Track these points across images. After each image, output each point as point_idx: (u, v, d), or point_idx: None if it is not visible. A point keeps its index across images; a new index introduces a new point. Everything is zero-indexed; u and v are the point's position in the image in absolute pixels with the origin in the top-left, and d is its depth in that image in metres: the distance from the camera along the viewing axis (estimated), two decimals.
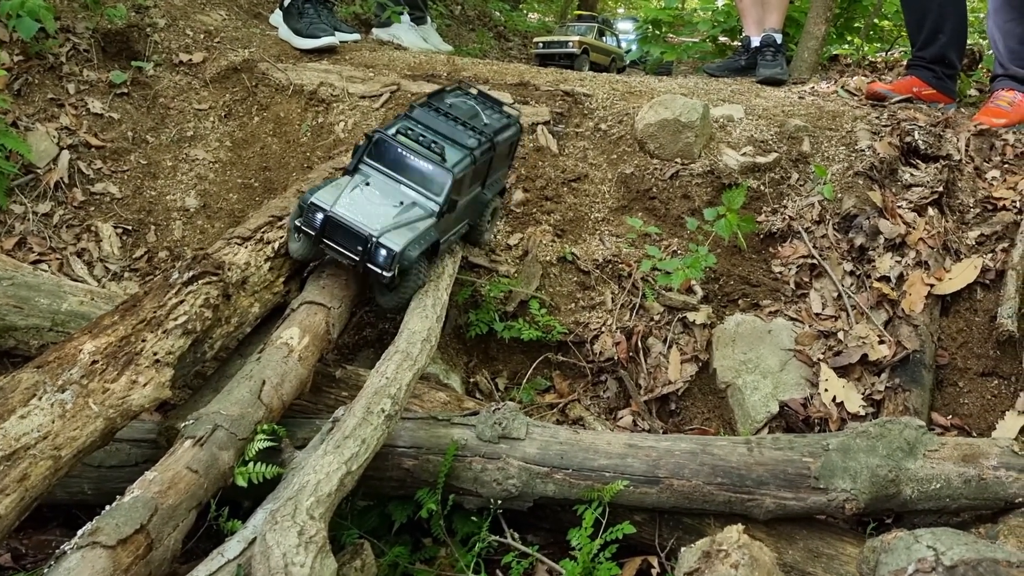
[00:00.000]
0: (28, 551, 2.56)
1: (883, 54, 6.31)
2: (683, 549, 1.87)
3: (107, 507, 1.87)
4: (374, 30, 5.41)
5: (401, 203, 2.72)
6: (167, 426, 2.42)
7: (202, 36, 4.39)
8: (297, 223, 2.69)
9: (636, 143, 3.90)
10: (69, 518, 2.63)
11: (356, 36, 4.87)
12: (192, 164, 3.87)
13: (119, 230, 3.59)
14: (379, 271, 2.62)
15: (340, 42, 4.64)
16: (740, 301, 3.48)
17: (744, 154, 3.82)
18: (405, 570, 2.55)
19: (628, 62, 6.79)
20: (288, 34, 4.60)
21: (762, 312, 3.41)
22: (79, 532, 1.79)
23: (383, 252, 2.60)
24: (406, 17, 5.39)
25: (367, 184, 2.76)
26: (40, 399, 1.88)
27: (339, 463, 2.03)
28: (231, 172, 3.86)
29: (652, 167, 3.80)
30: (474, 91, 3.23)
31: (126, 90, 4.01)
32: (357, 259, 2.64)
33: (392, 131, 2.84)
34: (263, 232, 2.81)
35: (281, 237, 2.83)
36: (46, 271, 3.27)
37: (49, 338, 2.95)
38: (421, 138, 2.81)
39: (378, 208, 2.67)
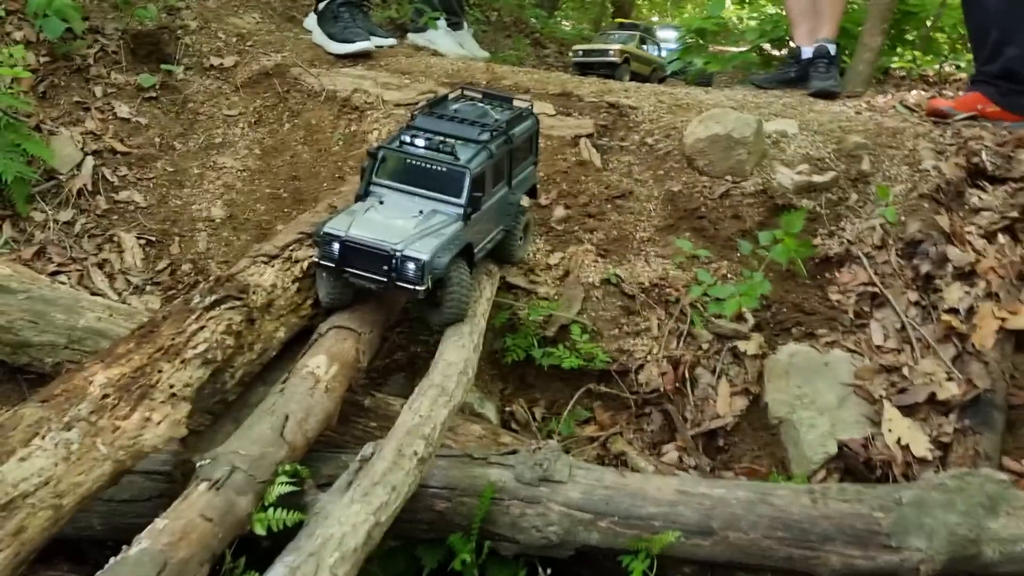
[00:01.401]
0: None
1: (937, 67, 6.04)
2: None
3: (111, 560, 1.70)
4: (410, 35, 5.24)
5: (421, 212, 2.52)
6: (183, 459, 2.24)
7: (234, 39, 4.24)
8: (315, 259, 2.47)
9: (684, 159, 3.69)
10: (75, 552, 2.47)
11: (392, 41, 4.71)
12: (220, 172, 3.72)
13: (142, 241, 3.44)
14: (411, 287, 2.40)
15: (376, 47, 4.48)
16: (794, 330, 3.26)
17: (799, 172, 3.60)
18: None
19: (669, 72, 6.59)
20: (322, 38, 4.44)
21: (818, 343, 3.19)
22: None
23: (410, 265, 2.38)
24: (442, 22, 5.22)
25: (380, 203, 2.56)
26: (43, 439, 1.71)
27: (366, 514, 1.85)
28: (259, 181, 3.70)
29: (701, 185, 3.59)
30: (478, 95, 3.05)
31: (155, 94, 3.87)
32: (385, 280, 2.42)
33: (396, 143, 2.66)
34: (291, 250, 2.64)
35: (310, 256, 2.65)
36: (65, 283, 3.13)
37: (64, 356, 2.80)
38: (428, 142, 2.62)
39: (396, 223, 2.47)
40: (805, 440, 2.93)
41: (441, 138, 2.65)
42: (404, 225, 2.48)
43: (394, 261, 2.40)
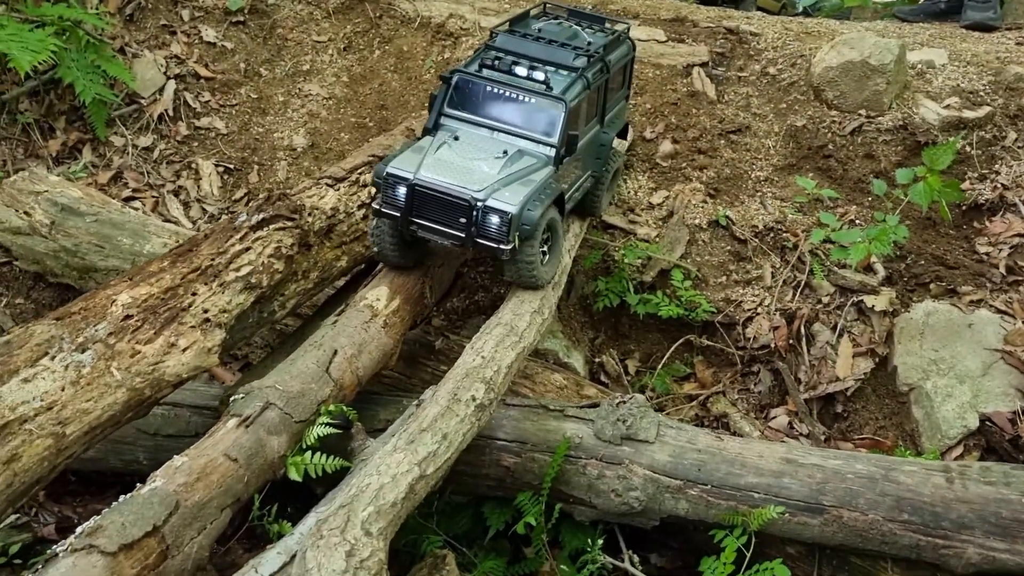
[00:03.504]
0: (80, 520, 2.28)
1: None
2: None
3: (120, 498, 1.52)
4: None
5: (504, 153, 2.14)
6: (230, 394, 2.05)
7: None
8: (376, 206, 2.10)
9: (811, 90, 3.28)
10: (129, 486, 2.33)
11: None
12: (304, 100, 3.53)
13: (220, 168, 3.30)
14: (494, 246, 2.04)
15: None
16: (932, 285, 2.88)
17: (947, 107, 3.13)
18: None
19: (801, 8, 6.03)
20: None
21: (961, 301, 2.82)
22: (78, 529, 1.44)
23: (494, 219, 2.02)
24: None
25: (455, 139, 2.17)
26: (53, 359, 1.54)
27: (410, 464, 1.60)
28: (345, 110, 3.49)
29: (829, 119, 3.19)
30: (564, 12, 2.68)
31: (243, 18, 3.70)
32: (463, 235, 2.05)
33: (474, 67, 2.27)
34: (360, 173, 2.41)
35: None
36: (137, 209, 3.00)
37: None
38: (514, 67, 2.25)
39: (475, 164, 2.09)
40: (940, 411, 2.58)
41: (529, 63, 2.28)
42: (485, 168, 2.09)
43: (475, 213, 2.02)
